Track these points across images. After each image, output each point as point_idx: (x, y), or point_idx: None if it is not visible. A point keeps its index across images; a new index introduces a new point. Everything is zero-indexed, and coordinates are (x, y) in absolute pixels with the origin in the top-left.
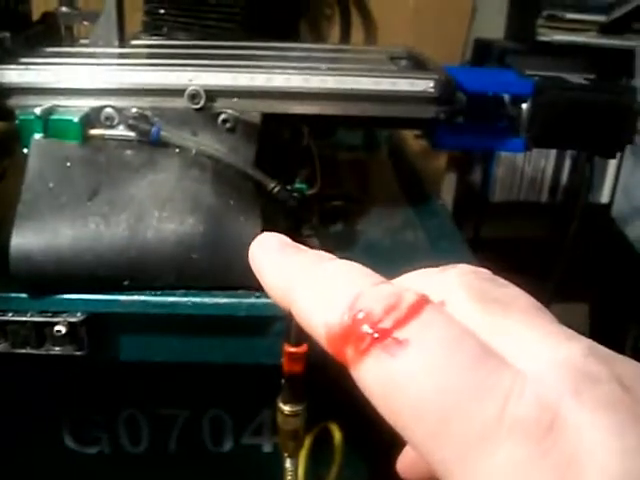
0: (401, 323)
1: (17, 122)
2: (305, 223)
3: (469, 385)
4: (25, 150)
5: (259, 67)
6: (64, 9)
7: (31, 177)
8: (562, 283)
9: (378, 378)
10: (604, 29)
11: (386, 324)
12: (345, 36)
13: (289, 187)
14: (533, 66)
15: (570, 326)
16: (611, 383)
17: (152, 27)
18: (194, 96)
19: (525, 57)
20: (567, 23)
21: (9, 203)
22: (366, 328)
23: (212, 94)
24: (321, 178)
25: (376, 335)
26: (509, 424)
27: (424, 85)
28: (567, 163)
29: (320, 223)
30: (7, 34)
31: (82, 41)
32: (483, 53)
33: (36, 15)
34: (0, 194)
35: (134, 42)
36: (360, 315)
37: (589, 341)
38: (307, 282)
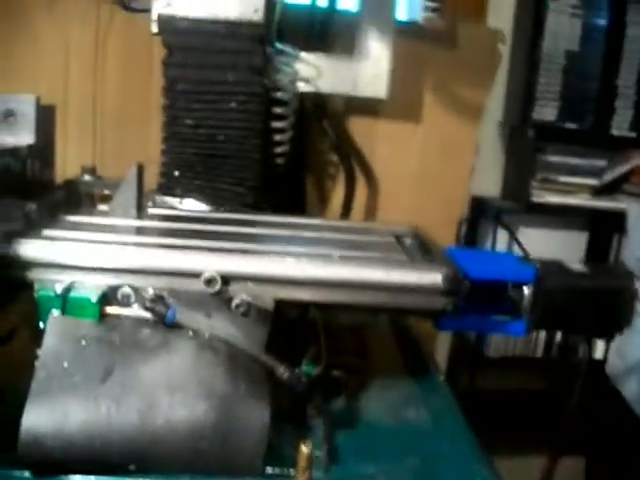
0: None
1: (36, 296)
2: (309, 402)
3: None
4: (42, 325)
5: (273, 252)
6: (86, 177)
7: (46, 355)
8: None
9: None
10: (596, 191)
11: None
12: (349, 195)
13: (297, 370)
14: (528, 225)
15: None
16: None
17: (167, 188)
18: (210, 281)
19: (520, 216)
20: (561, 185)
21: (19, 363)
22: None
23: (227, 278)
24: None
25: None
26: None
27: (433, 278)
28: None
29: (323, 398)
30: (33, 206)
31: (101, 207)
32: (480, 211)
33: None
34: (11, 354)
35: (151, 211)
36: None
37: None
38: None
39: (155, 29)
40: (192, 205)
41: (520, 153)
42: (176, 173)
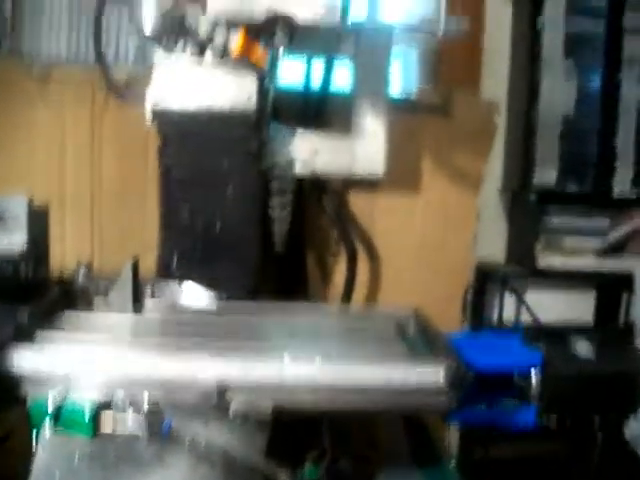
0: None
1: (29, 409)
2: None
3: None
4: (34, 440)
5: (271, 353)
6: (81, 273)
7: (37, 474)
8: None
9: None
10: (601, 252)
11: None
12: (352, 272)
13: (299, 474)
14: (535, 288)
15: None
16: None
17: (166, 276)
18: (207, 390)
19: (526, 281)
20: (565, 248)
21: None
22: None
23: (224, 386)
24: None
25: None
26: None
27: (435, 376)
28: None
29: None
30: (25, 312)
31: (97, 301)
32: (485, 277)
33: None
34: (8, 454)
35: (148, 304)
36: None
37: None
38: None
39: (149, 120)
40: (191, 289)
41: (522, 217)
42: (174, 262)
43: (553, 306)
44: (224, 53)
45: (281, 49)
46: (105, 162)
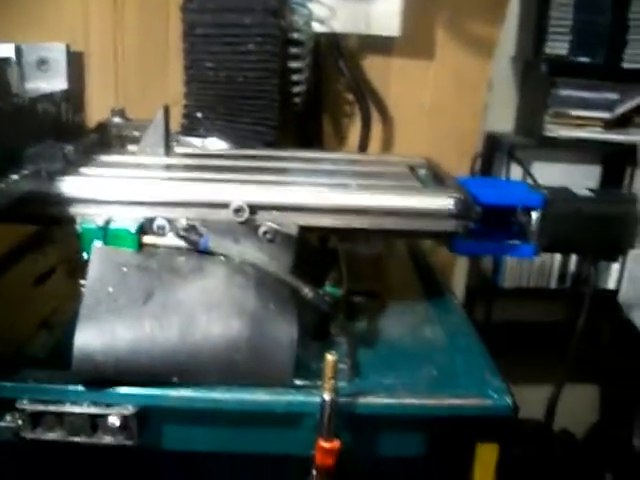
0: None
1: (79, 229)
2: (333, 321)
3: None
4: (85, 255)
5: (295, 183)
6: (116, 120)
7: (92, 281)
8: (574, 365)
9: None
10: (608, 124)
11: None
12: (366, 133)
13: (320, 290)
14: (541, 159)
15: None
16: None
17: (190, 129)
18: (238, 210)
19: (533, 151)
20: (573, 119)
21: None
22: None
23: (254, 208)
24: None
25: None
26: None
27: (444, 202)
28: None
29: (346, 319)
30: (71, 147)
31: (130, 147)
32: (493, 146)
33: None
34: (54, 286)
35: (178, 150)
36: None
37: None
38: None
39: None
40: (215, 144)
41: (533, 88)
42: (199, 115)
43: (558, 178)
44: None
45: None
46: (128, 20)
